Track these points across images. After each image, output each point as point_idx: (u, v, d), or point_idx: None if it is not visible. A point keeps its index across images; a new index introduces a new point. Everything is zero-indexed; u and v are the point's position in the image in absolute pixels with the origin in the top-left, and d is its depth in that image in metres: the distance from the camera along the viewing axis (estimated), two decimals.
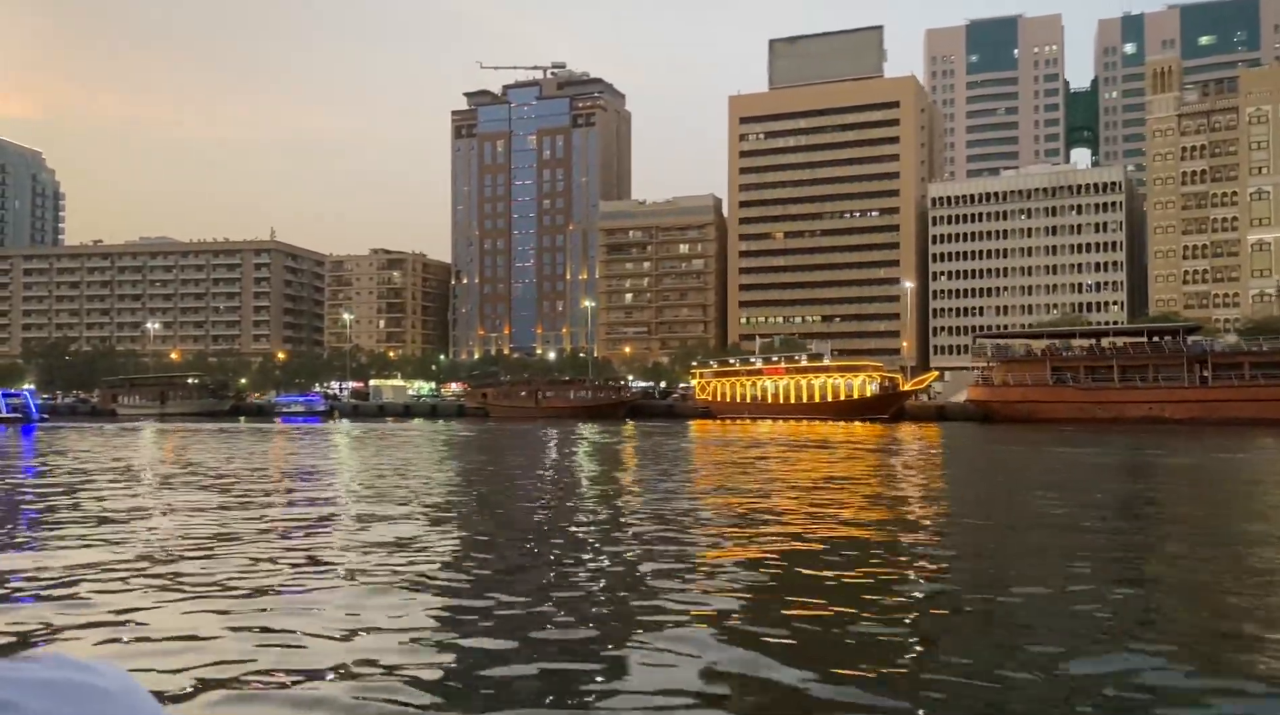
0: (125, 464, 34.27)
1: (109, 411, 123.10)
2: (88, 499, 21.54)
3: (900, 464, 34.21)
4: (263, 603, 10.57)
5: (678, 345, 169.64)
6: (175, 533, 16.20)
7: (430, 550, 14.46)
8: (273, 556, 13.77)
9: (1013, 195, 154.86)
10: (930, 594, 11.08)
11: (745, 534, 15.87)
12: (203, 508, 19.61)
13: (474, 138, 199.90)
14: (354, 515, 18.64)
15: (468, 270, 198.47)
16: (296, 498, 22.63)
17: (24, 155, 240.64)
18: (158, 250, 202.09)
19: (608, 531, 16.54)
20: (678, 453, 41.27)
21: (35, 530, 17.09)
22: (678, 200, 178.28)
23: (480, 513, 20.18)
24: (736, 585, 11.47)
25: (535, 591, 11.06)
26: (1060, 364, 77.81)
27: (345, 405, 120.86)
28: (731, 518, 17.91)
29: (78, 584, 11.62)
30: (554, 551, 14.49)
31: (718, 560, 13.29)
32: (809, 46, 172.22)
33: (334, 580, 12.04)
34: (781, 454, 39.40)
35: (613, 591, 11.33)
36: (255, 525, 17.13)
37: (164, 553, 14.03)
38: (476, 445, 49.63)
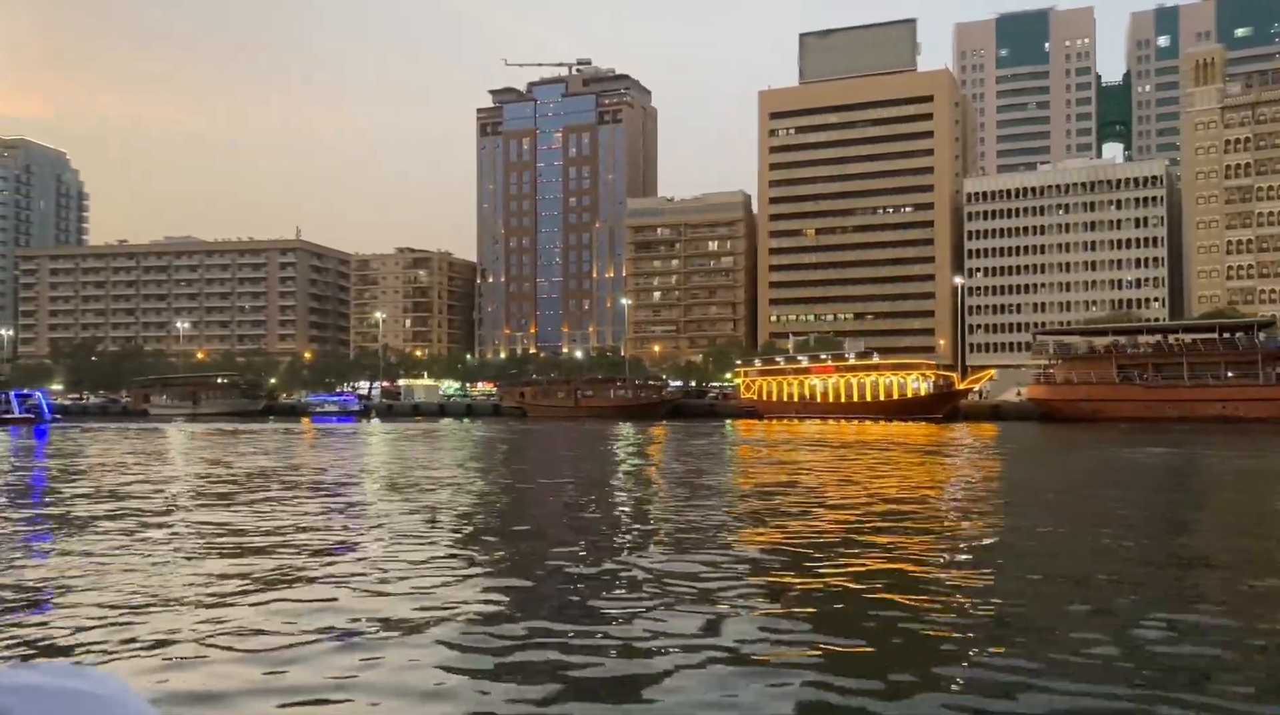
0: (151, 474, 32.66)
1: (140, 411, 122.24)
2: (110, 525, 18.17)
3: (982, 471, 32.22)
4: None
5: (706, 343, 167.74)
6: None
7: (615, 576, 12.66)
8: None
9: (1050, 190, 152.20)
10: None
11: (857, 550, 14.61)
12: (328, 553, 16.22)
13: (499, 135, 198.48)
14: (507, 550, 16.71)
15: (493, 269, 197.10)
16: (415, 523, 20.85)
17: (48, 155, 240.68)
18: (183, 249, 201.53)
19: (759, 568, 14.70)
20: (747, 456, 39.42)
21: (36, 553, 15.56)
22: (706, 197, 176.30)
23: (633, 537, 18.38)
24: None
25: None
26: (1126, 361, 75.49)
27: (380, 405, 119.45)
28: (838, 536, 16.21)
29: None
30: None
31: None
32: (840, 40, 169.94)
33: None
34: (852, 459, 37.47)
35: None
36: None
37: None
38: (542, 448, 47.88)
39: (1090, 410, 72.09)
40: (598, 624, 9.90)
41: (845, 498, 22.50)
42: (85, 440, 54.58)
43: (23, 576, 13.08)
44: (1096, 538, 16.03)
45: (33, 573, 13.45)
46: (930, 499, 21.71)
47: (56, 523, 18.91)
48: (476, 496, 24.02)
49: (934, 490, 24.72)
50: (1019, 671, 8.00)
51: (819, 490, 24.66)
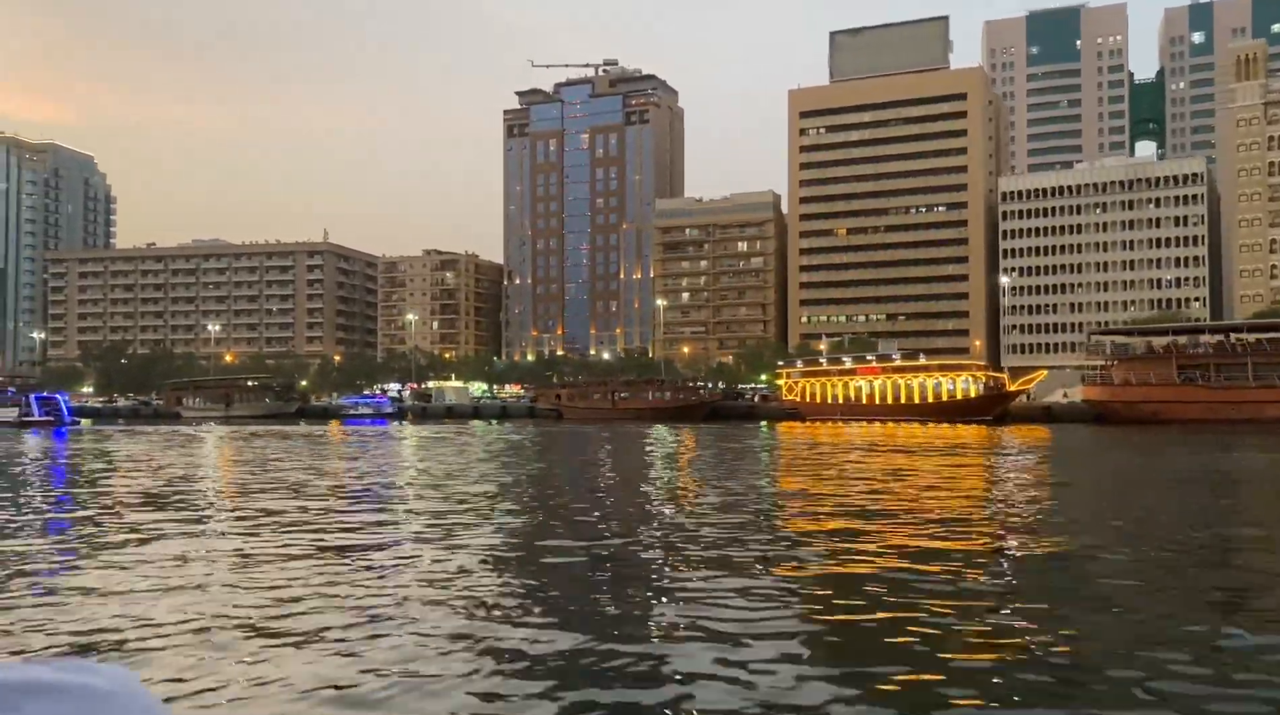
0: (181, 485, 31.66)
1: (173, 414, 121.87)
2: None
3: (1077, 487, 30.74)
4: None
5: (736, 345, 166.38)
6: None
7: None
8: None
9: (1087, 189, 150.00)
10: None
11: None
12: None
13: (526, 137, 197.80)
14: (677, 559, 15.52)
15: (520, 270, 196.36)
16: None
17: (76, 159, 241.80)
18: (210, 252, 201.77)
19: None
20: (810, 461, 38.06)
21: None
22: (736, 197, 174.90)
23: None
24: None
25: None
26: (1187, 361, 73.56)
27: (414, 407, 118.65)
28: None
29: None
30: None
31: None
32: (871, 38, 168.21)
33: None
34: (914, 464, 36.06)
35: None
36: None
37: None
38: (604, 452, 46.64)
39: (1150, 412, 70.24)
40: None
41: (945, 514, 21.18)
42: (114, 446, 53.60)
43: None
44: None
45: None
46: (1054, 529, 20.08)
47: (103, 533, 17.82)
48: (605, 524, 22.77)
49: (1045, 512, 23.30)
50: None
51: (913, 506, 23.33)
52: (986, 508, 21.49)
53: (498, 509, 21.44)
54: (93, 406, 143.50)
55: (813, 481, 28.40)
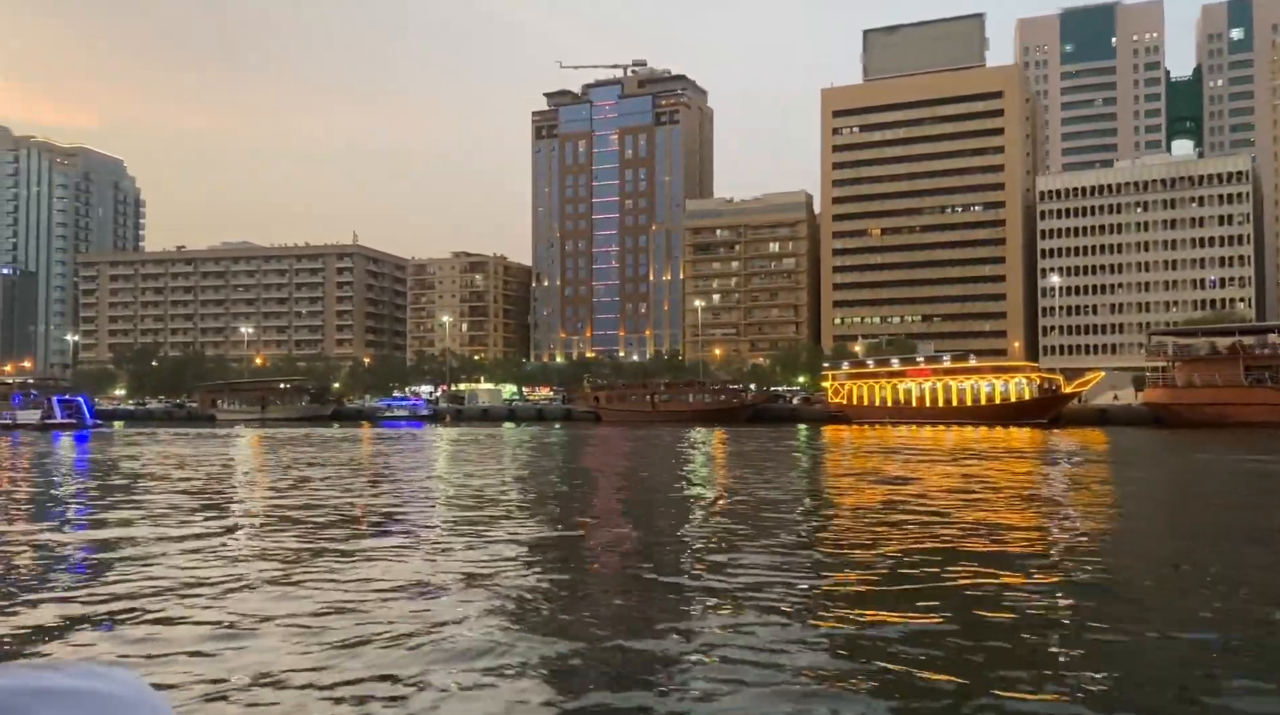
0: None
1: (208, 416, 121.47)
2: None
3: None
4: None
5: (768, 346, 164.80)
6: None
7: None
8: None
9: (1127, 188, 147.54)
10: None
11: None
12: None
13: (555, 138, 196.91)
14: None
15: (549, 272, 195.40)
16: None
17: (106, 163, 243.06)
18: (240, 255, 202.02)
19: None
20: (885, 473, 36.59)
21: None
22: (767, 197, 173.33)
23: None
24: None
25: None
26: (1254, 362, 71.40)
27: (450, 409, 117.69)
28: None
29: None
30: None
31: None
32: (905, 36, 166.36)
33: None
34: (996, 475, 34.55)
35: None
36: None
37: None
38: (663, 456, 45.34)
39: (1215, 414, 68.18)
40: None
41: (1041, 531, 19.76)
42: (155, 452, 52.81)
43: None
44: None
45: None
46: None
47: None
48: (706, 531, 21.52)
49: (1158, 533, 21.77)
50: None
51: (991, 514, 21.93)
52: (1119, 533, 20.07)
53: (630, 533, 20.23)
54: (125, 409, 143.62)
55: (888, 489, 27.03)
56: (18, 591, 13.01)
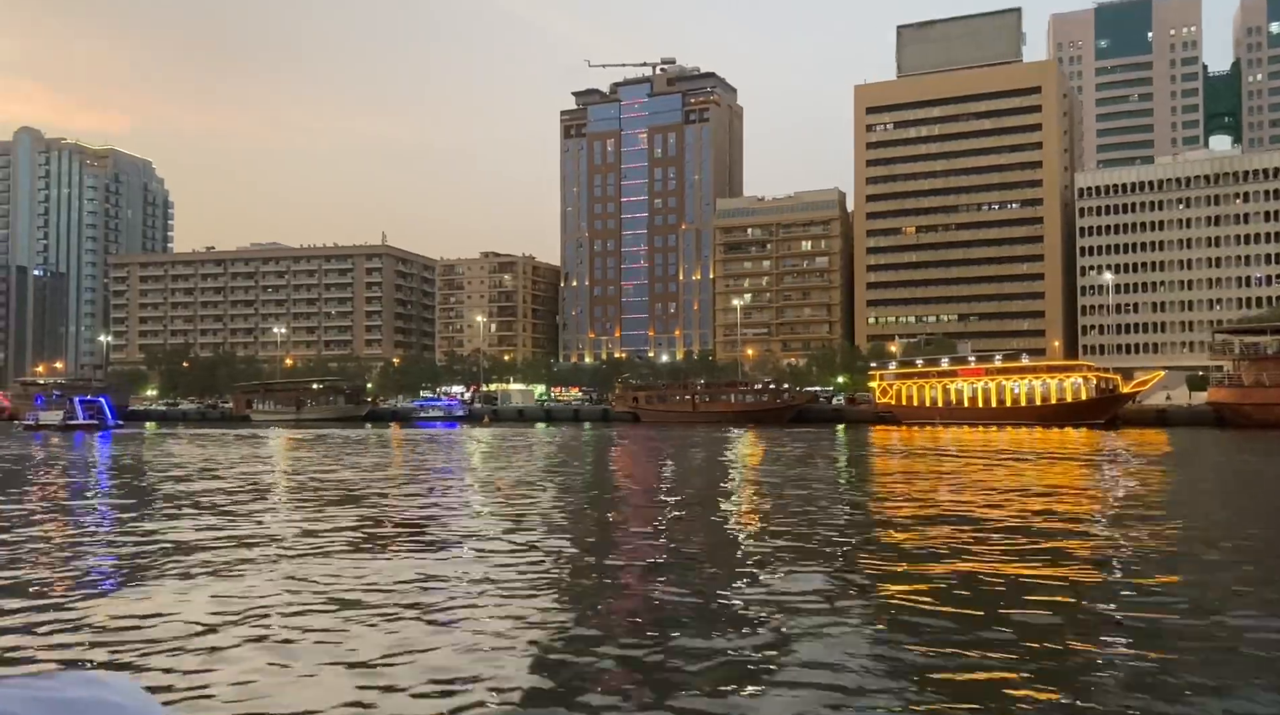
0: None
1: (242, 417, 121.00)
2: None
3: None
4: None
5: (800, 346, 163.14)
6: None
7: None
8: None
9: (1170, 184, 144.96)
10: None
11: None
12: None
13: (583, 137, 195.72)
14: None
15: (577, 272, 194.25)
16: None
17: (136, 164, 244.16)
18: (270, 255, 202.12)
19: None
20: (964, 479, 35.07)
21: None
22: (799, 195, 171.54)
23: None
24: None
25: None
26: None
27: (486, 410, 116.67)
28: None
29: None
30: None
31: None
32: (940, 32, 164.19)
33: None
34: (1071, 479, 32.97)
35: None
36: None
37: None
38: (723, 458, 43.99)
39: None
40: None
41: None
42: (188, 456, 51.91)
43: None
44: None
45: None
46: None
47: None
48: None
49: None
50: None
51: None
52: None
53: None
54: (158, 410, 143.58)
55: (958, 495, 25.58)
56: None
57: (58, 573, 14.95)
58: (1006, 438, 60.72)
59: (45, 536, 18.62)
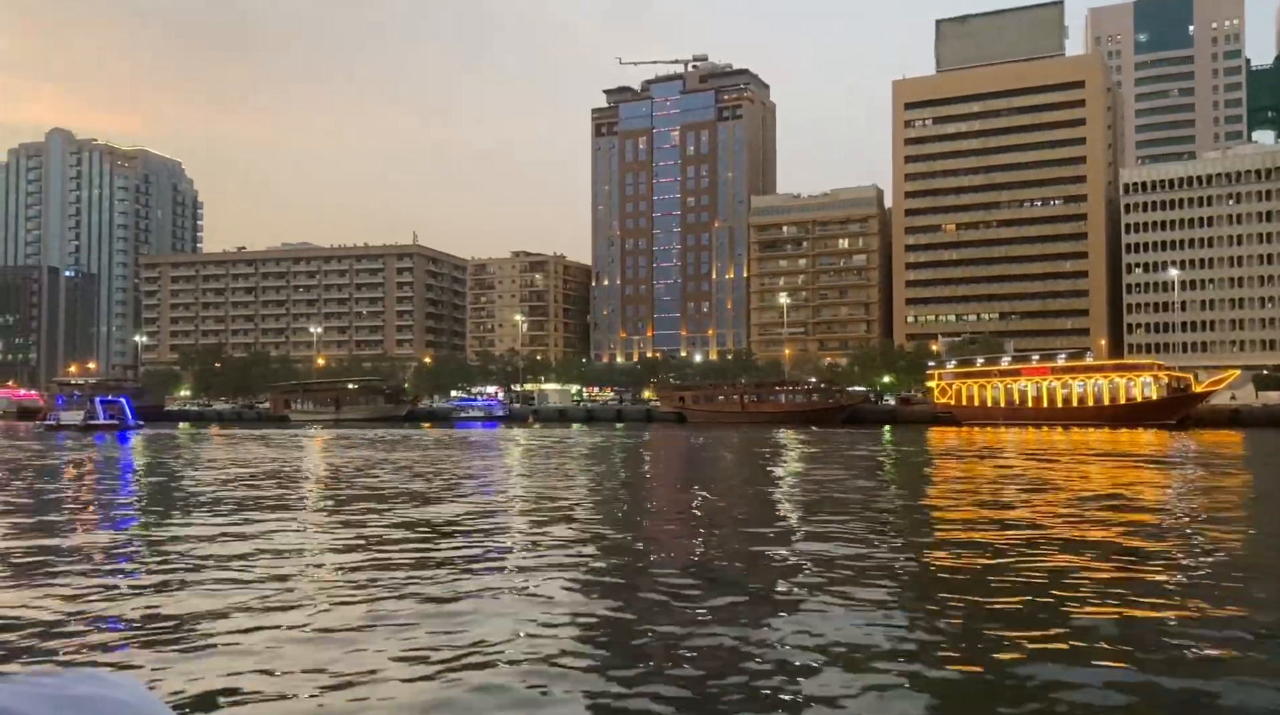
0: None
1: (280, 417, 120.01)
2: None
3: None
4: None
5: (837, 346, 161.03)
6: None
7: None
8: None
9: (1219, 179, 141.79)
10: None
11: None
12: None
13: (614, 135, 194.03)
14: None
15: (608, 271, 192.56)
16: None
17: (165, 165, 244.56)
18: (301, 255, 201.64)
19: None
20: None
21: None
22: (836, 192, 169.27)
23: None
24: None
25: None
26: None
27: (526, 410, 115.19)
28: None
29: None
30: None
31: None
32: (980, 25, 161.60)
33: None
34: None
35: None
36: None
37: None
38: (810, 464, 42.10)
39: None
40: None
41: None
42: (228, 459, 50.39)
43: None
44: None
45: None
46: None
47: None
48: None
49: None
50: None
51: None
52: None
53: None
54: (192, 410, 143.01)
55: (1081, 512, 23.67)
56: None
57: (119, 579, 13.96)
58: (1080, 439, 58.58)
59: (89, 543, 17.11)
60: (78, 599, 12.14)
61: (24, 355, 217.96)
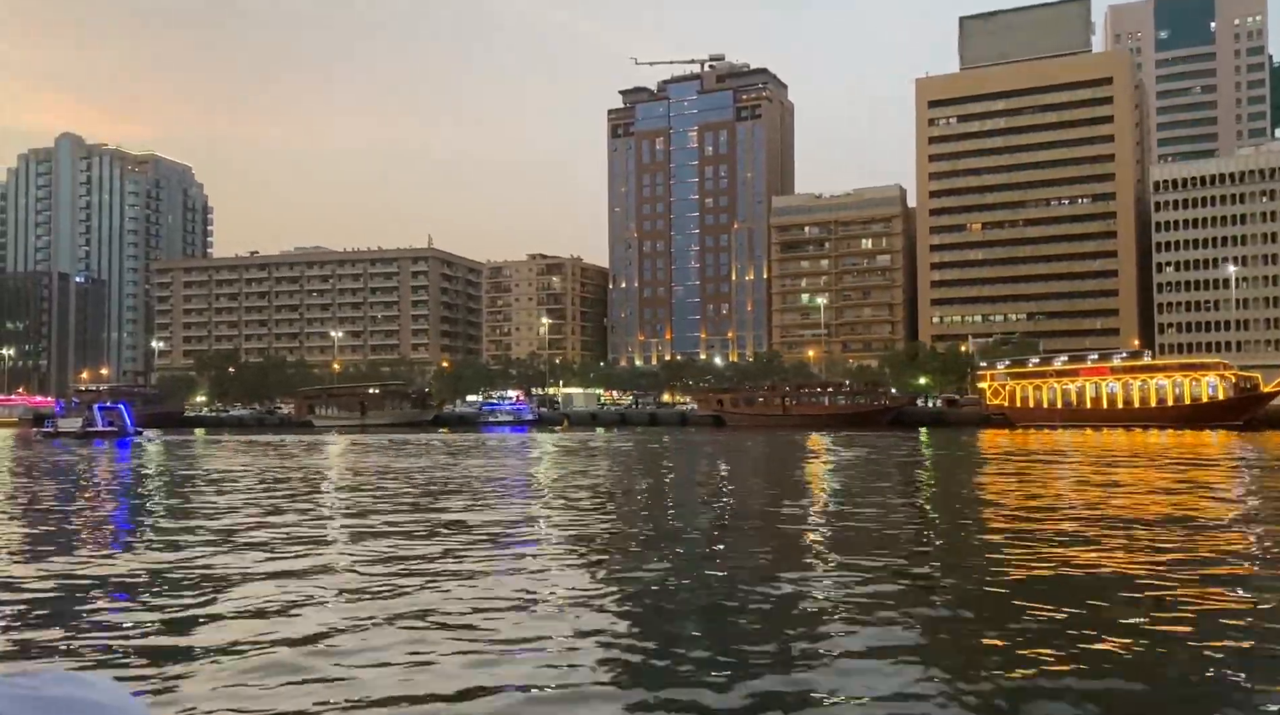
0: None
1: (304, 422, 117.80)
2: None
3: None
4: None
5: (860, 347, 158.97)
6: None
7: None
8: None
9: (1251, 176, 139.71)
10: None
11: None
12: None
13: (631, 136, 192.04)
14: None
15: (625, 274, 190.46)
16: None
17: (175, 169, 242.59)
18: (314, 259, 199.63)
19: None
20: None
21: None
22: (860, 192, 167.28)
23: None
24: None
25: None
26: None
27: (556, 414, 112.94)
28: None
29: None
30: None
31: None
32: (1005, 22, 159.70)
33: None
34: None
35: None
36: None
37: None
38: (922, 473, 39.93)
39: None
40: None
41: None
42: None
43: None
44: None
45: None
46: None
47: None
48: None
49: None
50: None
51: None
52: None
53: None
54: (212, 416, 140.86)
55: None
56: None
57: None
58: (1153, 441, 56.44)
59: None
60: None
61: (35, 361, 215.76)
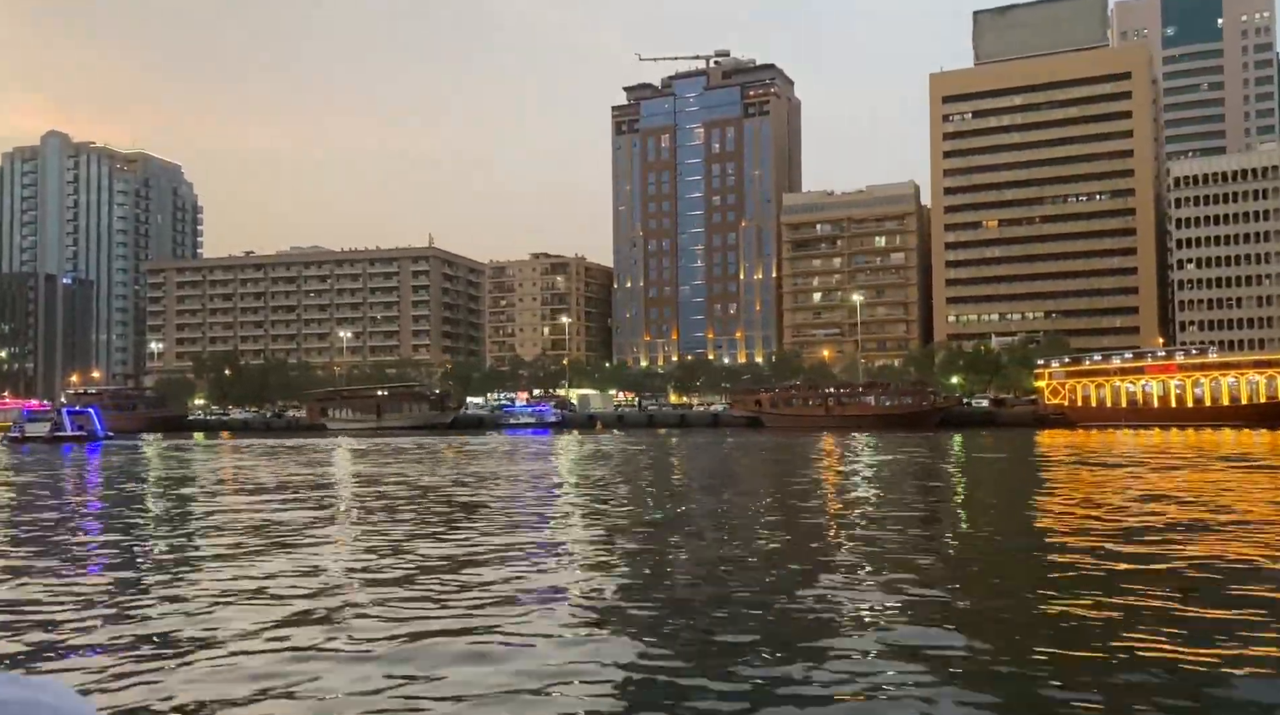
0: None
1: (317, 426, 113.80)
2: None
3: None
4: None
5: (874, 346, 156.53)
6: None
7: None
8: None
9: (1272, 172, 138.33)
10: None
11: None
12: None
13: (635, 133, 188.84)
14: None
15: (630, 273, 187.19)
16: None
17: (165, 169, 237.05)
18: (312, 259, 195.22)
19: None
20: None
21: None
22: (872, 189, 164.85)
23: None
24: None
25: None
26: None
27: (583, 417, 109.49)
28: None
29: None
30: None
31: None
32: (1020, 17, 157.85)
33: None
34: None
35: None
36: None
37: None
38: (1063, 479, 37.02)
39: None
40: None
41: None
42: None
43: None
44: None
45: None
46: None
47: None
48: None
49: None
50: None
51: None
52: None
53: None
54: (214, 419, 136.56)
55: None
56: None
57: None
58: (1245, 441, 53.89)
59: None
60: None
61: (21, 364, 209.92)
